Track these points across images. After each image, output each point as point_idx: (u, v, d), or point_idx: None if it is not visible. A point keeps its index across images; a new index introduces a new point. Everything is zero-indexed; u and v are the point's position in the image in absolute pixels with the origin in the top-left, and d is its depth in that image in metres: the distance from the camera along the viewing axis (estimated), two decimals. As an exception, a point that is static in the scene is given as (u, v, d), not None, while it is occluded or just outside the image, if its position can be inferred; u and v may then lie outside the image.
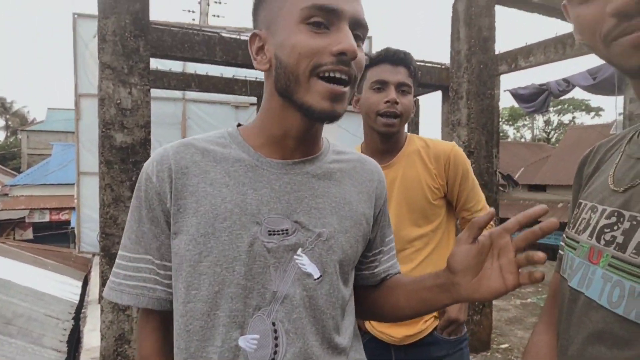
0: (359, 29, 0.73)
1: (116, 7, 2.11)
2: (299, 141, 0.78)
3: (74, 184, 8.30)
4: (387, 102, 1.42)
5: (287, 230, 0.75)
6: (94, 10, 2.22)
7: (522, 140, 30.33)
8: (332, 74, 0.70)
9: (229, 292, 0.72)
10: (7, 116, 32.49)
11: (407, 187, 1.51)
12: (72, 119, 8.18)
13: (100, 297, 2.27)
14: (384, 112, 1.43)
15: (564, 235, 0.73)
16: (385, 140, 1.50)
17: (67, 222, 14.74)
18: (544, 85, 6.44)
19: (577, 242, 0.66)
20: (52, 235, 14.48)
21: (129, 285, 0.78)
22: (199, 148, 0.78)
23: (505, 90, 6.79)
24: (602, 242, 0.61)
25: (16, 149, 27.51)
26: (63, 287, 6.09)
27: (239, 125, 0.84)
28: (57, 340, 4.32)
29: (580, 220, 0.68)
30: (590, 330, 0.60)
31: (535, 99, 6.55)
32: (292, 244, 0.75)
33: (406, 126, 1.59)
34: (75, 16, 7.15)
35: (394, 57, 1.46)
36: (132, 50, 2.16)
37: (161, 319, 0.80)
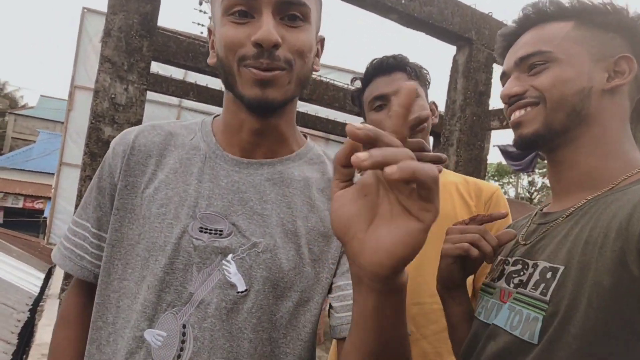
0: (292, 8, 0.67)
1: (126, 5, 2.14)
2: (255, 137, 0.73)
3: (54, 174, 8.16)
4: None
5: (221, 230, 0.69)
6: (104, 7, 2.25)
7: (506, 196, 30.78)
8: (254, 65, 0.66)
9: (149, 280, 0.68)
10: (-2, 97, 32.03)
11: (440, 223, 1.07)
12: (63, 109, 8.12)
13: (61, 292, 2.21)
14: None
15: (482, 284, 0.86)
16: None
17: (41, 211, 14.39)
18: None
19: (494, 288, 0.80)
20: (23, 222, 14.09)
21: (64, 247, 0.78)
22: (164, 130, 0.77)
23: (494, 146, 6.93)
24: (512, 285, 0.75)
25: (1, 131, 27.03)
26: (25, 276, 5.90)
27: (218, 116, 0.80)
28: (9, 331, 4.15)
29: (496, 271, 0.83)
30: (494, 349, 0.72)
31: (523, 158, 6.71)
32: (223, 247, 0.69)
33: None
34: (85, 10, 7.22)
35: (384, 66, 1.24)
36: (135, 48, 2.18)
37: (86, 289, 0.79)
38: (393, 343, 0.54)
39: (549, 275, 0.67)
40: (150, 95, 4.62)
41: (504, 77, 0.84)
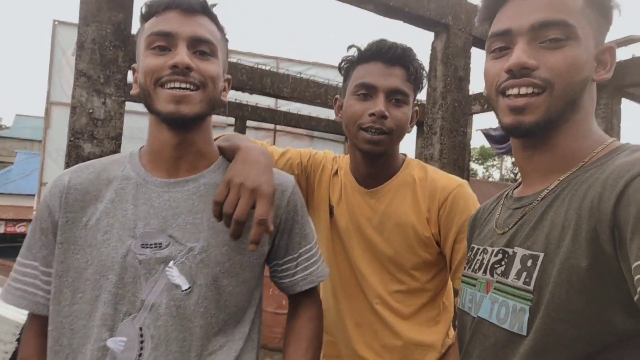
0: (201, 45, 0.84)
1: (98, 15, 2.08)
2: (176, 155, 0.87)
3: (34, 195, 7.96)
4: (373, 114, 1.07)
5: (160, 243, 0.82)
6: (75, 19, 2.18)
7: (491, 179, 31.15)
8: (170, 85, 0.82)
9: (104, 297, 0.80)
10: (-29, 120, 31.17)
11: (388, 228, 1.13)
12: (40, 127, 7.94)
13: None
14: (368, 127, 1.08)
15: (462, 275, 0.85)
16: (369, 162, 1.15)
17: (23, 235, 14.07)
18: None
19: (475, 279, 0.79)
20: (5, 249, 13.75)
21: (14, 287, 0.87)
22: (96, 168, 0.89)
23: (477, 130, 6.99)
24: (495, 276, 0.73)
25: (-23, 155, 26.34)
26: (9, 305, 5.74)
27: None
28: None
29: (475, 261, 0.82)
30: (485, 343, 0.71)
31: (506, 141, 6.78)
32: (164, 256, 0.82)
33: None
34: (56, 23, 7.06)
35: (389, 54, 1.09)
36: (110, 60, 2.12)
37: (42, 324, 0.86)
38: None
39: (529, 263, 0.66)
40: (129, 105, 4.52)
41: (507, 35, 0.72)
